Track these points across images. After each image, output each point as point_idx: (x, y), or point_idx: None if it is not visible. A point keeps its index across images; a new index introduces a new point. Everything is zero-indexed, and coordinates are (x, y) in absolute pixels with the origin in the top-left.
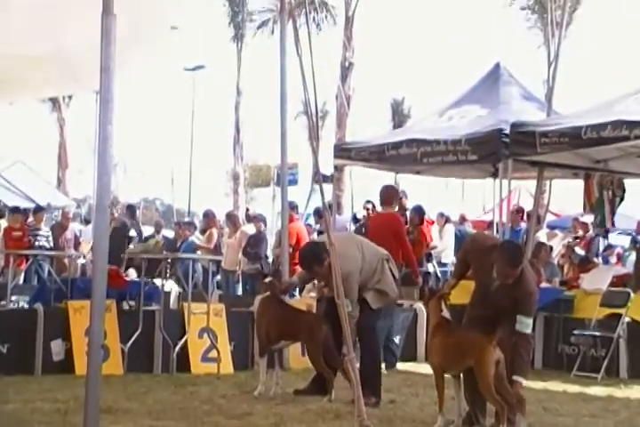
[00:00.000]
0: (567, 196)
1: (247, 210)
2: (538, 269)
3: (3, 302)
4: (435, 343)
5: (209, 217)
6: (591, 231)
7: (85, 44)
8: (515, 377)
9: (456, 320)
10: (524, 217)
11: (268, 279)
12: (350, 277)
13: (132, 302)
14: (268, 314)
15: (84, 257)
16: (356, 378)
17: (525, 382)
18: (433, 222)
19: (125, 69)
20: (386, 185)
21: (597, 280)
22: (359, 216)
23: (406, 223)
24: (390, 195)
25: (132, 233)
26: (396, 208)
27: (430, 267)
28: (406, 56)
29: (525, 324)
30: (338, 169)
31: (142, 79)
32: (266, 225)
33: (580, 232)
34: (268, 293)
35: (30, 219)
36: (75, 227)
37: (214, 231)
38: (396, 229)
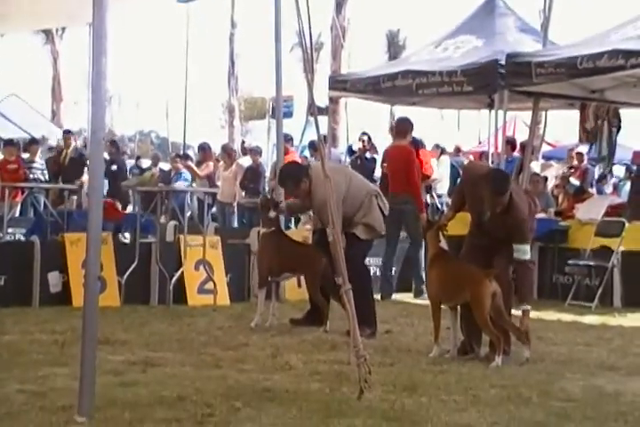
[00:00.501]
0: (563, 126)
1: (243, 142)
2: (533, 199)
3: None
4: (432, 274)
5: (205, 150)
6: (586, 161)
7: None
8: (523, 307)
9: (455, 251)
10: (516, 148)
11: (272, 214)
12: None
13: (128, 235)
14: (271, 248)
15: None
16: (351, 309)
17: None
18: (433, 155)
19: (119, 2)
20: (400, 117)
21: (592, 210)
22: (354, 148)
23: None
24: (404, 127)
25: (114, 167)
26: (410, 140)
27: (429, 198)
28: None
29: (522, 251)
30: (333, 101)
31: (136, 12)
32: (261, 157)
33: (575, 162)
34: (272, 228)
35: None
36: None
37: (210, 164)
38: (407, 162)
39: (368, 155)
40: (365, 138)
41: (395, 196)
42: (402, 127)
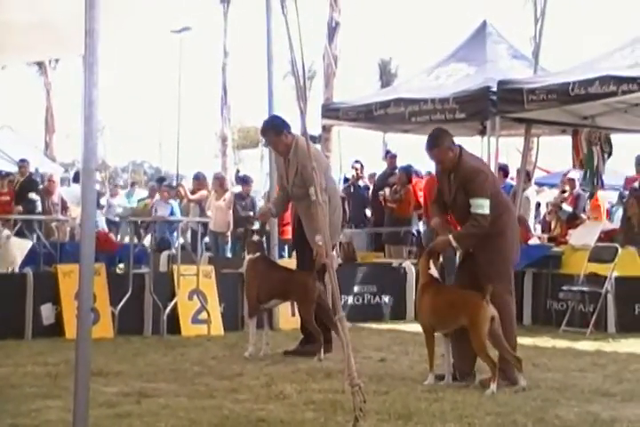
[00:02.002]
0: (556, 153)
1: (237, 171)
2: (526, 225)
3: None
4: (424, 302)
5: (199, 179)
6: (578, 188)
7: (70, 9)
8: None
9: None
10: (508, 174)
11: (255, 238)
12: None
13: (122, 265)
14: (257, 274)
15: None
16: (346, 337)
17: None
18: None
19: (111, 33)
20: None
21: (585, 236)
22: (348, 176)
23: (394, 183)
24: None
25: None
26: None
27: (422, 226)
28: (393, 15)
29: (478, 205)
30: (326, 129)
31: (128, 43)
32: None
33: (567, 188)
34: (258, 253)
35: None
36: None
37: (204, 193)
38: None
39: (361, 183)
40: (358, 166)
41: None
42: None
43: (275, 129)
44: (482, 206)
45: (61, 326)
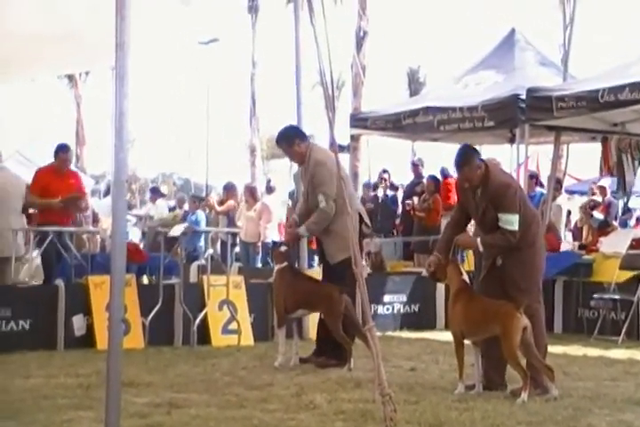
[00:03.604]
0: (586, 160)
1: (269, 181)
2: (556, 233)
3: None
4: (456, 310)
5: (229, 189)
6: (609, 195)
7: (100, 21)
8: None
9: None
10: (538, 182)
11: (283, 248)
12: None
13: (153, 276)
14: (284, 284)
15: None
16: (375, 347)
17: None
18: None
19: (140, 45)
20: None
21: (616, 243)
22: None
23: (423, 192)
24: None
25: None
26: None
27: None
28: (421, 24)
29: (506, 220)
30: (354, 139)
31: (157, 55)
32: None
33: (598, 195)
34: (285, 263)
35: None
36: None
37: (231, 202)
38: None
39: (389, 192)
40: (386, 175)
41: None
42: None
43: (286, 140)
44: (512, 222)
45: (93, 337)
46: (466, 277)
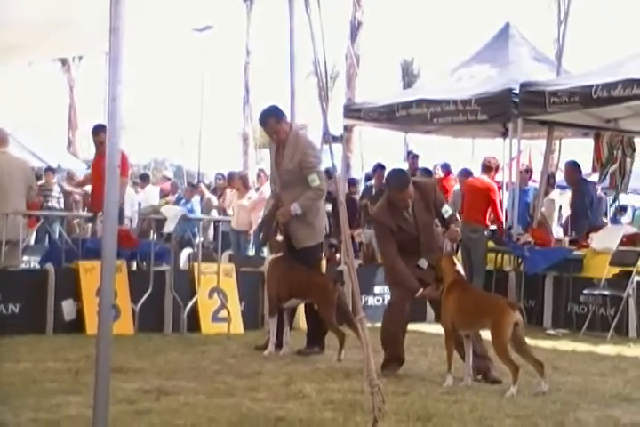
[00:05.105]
0: (578, 155)
1: (262, 171)
2: (547, 228)
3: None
4: (449, 302)
5: (230, 178)
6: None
7: (95, 6)
8: None
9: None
10: (532, 177)
11: (279, 238)
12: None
13: (144, 262)
14: (279, 273)
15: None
16: (365, 337)
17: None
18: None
19: (134, 31)
20: (489, 156)
21: (607, 239)
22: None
23: None
24: (495, 164)
25: None
26: (493, 177)
27: None
28: (416, 16)
29: (447, 209)
30: (347, 129)
31: (151, 41)
32: None
33: None
34: (280, 253)
35: (42, 180)
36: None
37: (227, 191)
38: (487, 196)
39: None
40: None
41: (466, 224)
42: (493, 164)
43: (275, 115)
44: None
45: (82, 322)
46: (460, 269)
